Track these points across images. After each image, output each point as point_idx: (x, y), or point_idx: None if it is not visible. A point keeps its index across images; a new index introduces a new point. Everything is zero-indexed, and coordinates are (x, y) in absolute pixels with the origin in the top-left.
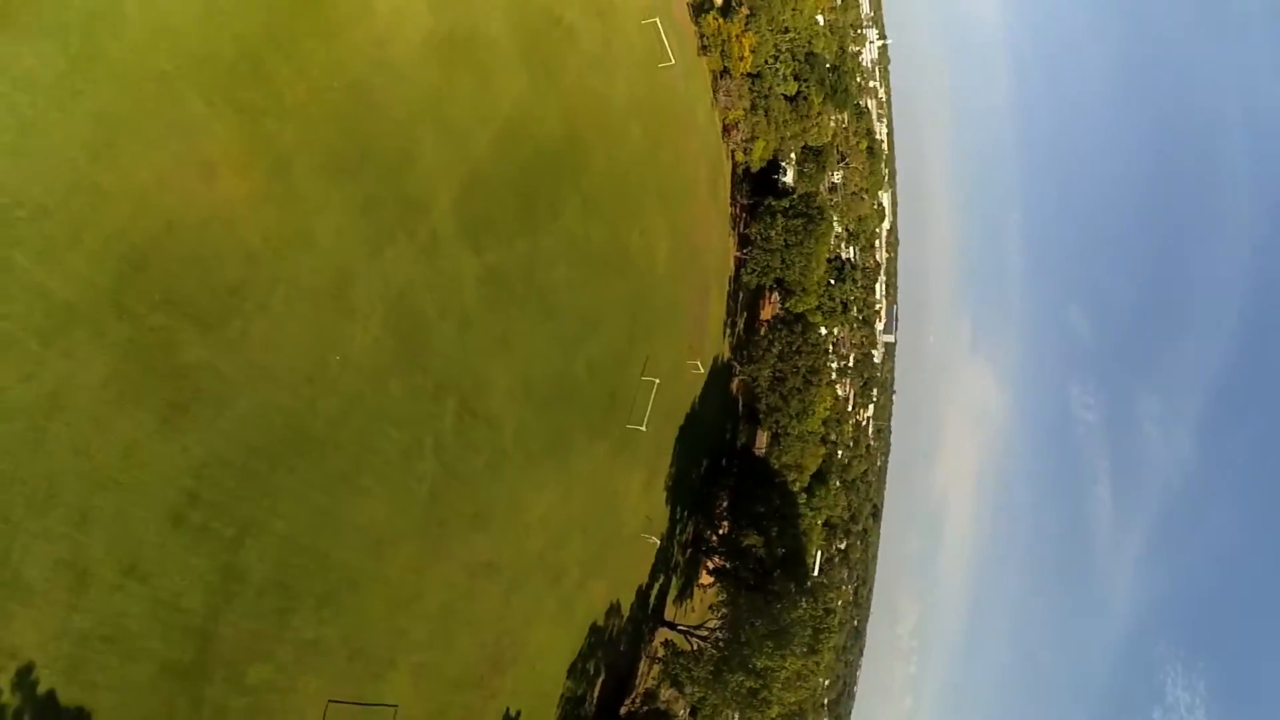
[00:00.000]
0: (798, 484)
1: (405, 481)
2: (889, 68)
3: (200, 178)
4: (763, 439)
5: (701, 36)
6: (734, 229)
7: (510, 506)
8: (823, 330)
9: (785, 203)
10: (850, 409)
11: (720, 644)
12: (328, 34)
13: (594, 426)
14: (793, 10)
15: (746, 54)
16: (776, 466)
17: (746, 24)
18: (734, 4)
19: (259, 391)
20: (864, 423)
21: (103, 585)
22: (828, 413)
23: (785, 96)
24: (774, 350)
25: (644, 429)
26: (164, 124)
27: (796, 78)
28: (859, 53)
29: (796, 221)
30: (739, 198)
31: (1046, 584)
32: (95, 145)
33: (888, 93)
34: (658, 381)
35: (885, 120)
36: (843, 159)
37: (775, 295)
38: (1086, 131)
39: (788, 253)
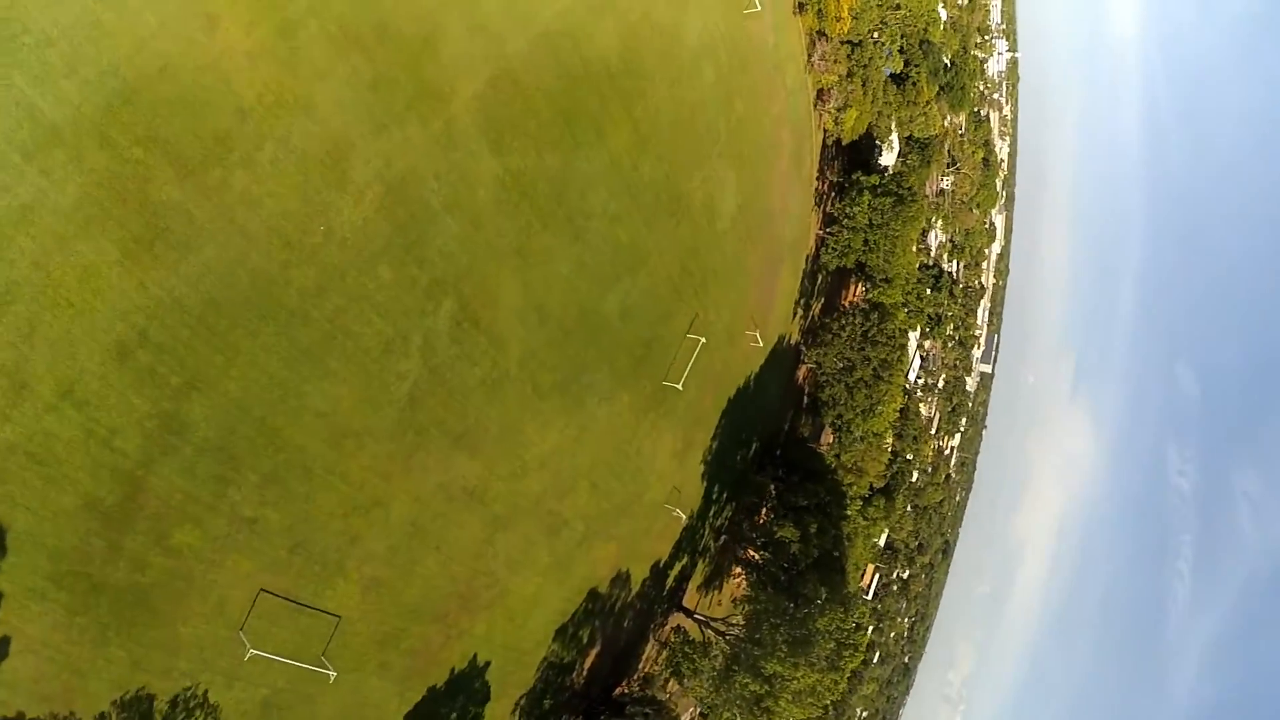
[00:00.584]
0: (854, 489)
1: (382, 375)
2: (1018, 85)
3: (202, 28)
4: (826, 438)
5: None
6: (818, 205)
7: (506, 436)
8: (906, 332)
9: (874, 179)
10: (933, 432)
11: (734, 641)
12: None
13: (620, 374)
14: None
15: (845, 14)
16: (833, 465)
17: None
18: None
19: (230, 245)
20: (947, 451)
21: (38, 402)
22: (896, 415)
23: (890, 74)
24: (844, 335)
25: (680, 388)
26: None
27: (904, 58)
28: (984, 60)
29: (884, 200)
30: (827, 174)
31: (1109, 655)
32: None
33: (1014, 110)
34: (703, 341)
35: (1009, 139)
36: (954, 163)
37: (860, 287)
38: (1221, 186)
39: (872, 233)
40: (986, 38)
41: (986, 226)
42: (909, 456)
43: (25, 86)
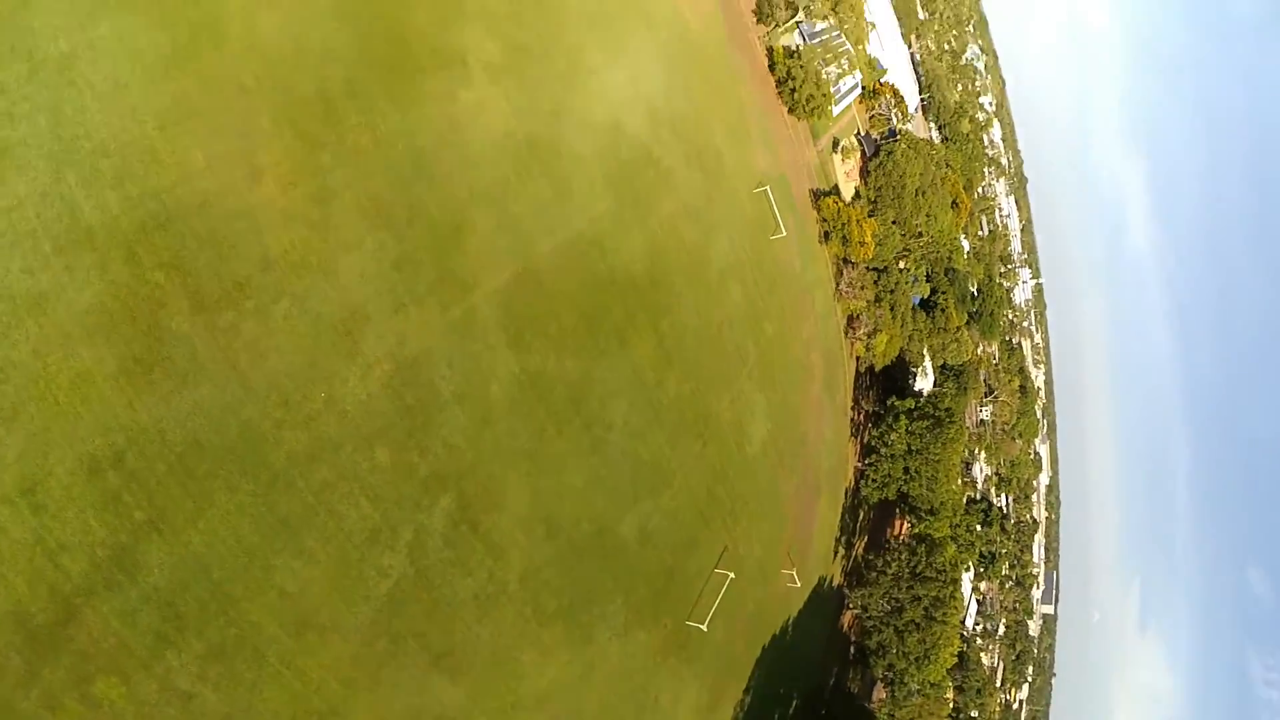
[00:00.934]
0: None
1: (362, 566)
2: (1045, 313)
3: (245, 177)
4: (879, 694)
5: (823, 220)
6: (855, 435)
7: (497, 662)
8: (958, 566)
9: (910, 403)
10: (999, 684)
11: None
12: (405, 102)
13: (637, 606)
14: (926, 216)
15: (868, 239)
16: None
17: (870, 213)
18: (859, 195)
19: (226, 390)
20: (1015, 704)
21: None
22: (954, 662)
23: (918, 301)
24: (890, 572)
25: (705, 629)
26: (231, 125)
27: (931, 284)
28: (1010, 288)
29: (922, 424)
30: (862, 403)
31: None
32: (167, 119)
33: (1045, 338)
34: (732, 576)
35: (1044, 366)
36: (991, 392)
37: (905, 522)
38: (1258, 370)
39: (911, 459)
40: (1010, 266)
41: (1031, 457)
42: (973, 714)
43: (74, 185)
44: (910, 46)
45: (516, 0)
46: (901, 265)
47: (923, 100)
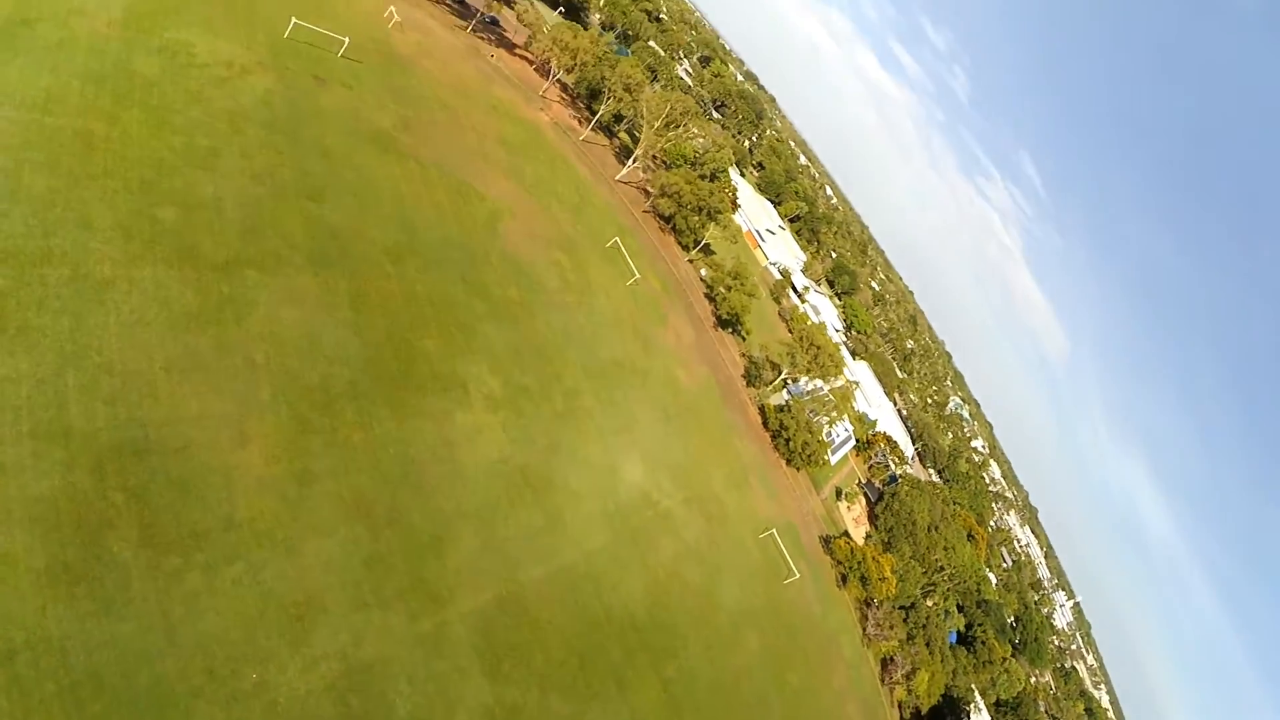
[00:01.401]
0: None
1: None
2: (1092, 631)
3: (232, 439)
4: None
5: (838, 564)
6: None
7: None
8: None
9: None
10: None
11: None
12: (403, 412)
13: None
14: (944, 549)
15: (888, 574)
16: None
17: (885, 549)
18: (870, 538)
19: (149, 635)
20: None
21: None
22: None
23: (955, 637)
24: None
25: None
26: (232, 389)
27: (965, 616)
28: (1049, 613)
29: None
30: None
31: None
32: (174, 364)
33: (1098, 656)
34: None
35: (1104, 686)
36: None
37: None
38: None
39: None
40: (1043, 592)
41: None
42: None
43: (71, 385)
44: (895, 403)
45: (519, 345)
46: (930, 601)
47: (917, 449)
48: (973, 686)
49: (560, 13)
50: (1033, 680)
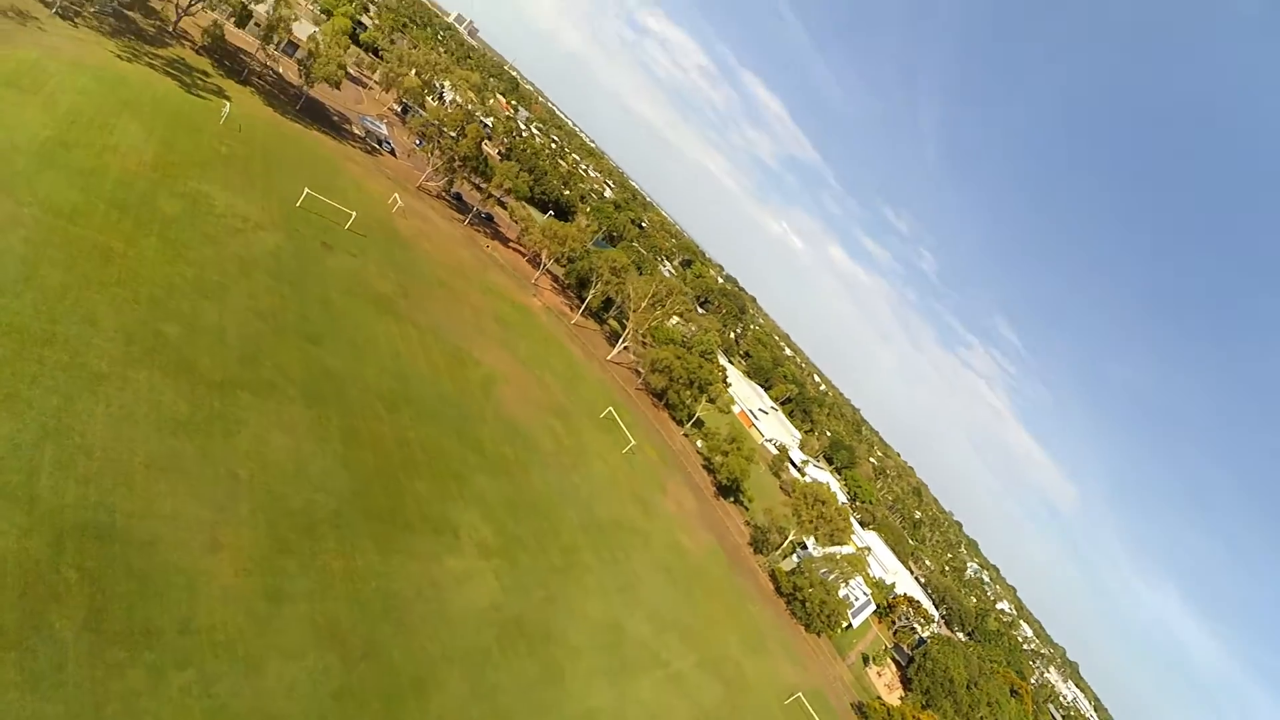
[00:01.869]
0: None
1: None
2: None
3: (204, 544)
4: None
5: None
6: None
7: None
8: None
9: None
10: None
11: None
12: (388, 548)
13: None
14: (988, 706)
15: None
16: None
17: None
18: (905, 697)
19: None
20: None
21: None
22: None
23: None
24: None
25: None
26: (211, 496)
27: None
28: None
29: None
30: None
31: None
32: (155, 462)
33: None
34: None
35: None
36: None
37: None
38: None
39: None
40: None
41: None
42: None
43: (46, 457)
44: (910, 570)
45: (514, 498)
46: None
47: (942, 614)
48: None
49: (550, 215)
50: None
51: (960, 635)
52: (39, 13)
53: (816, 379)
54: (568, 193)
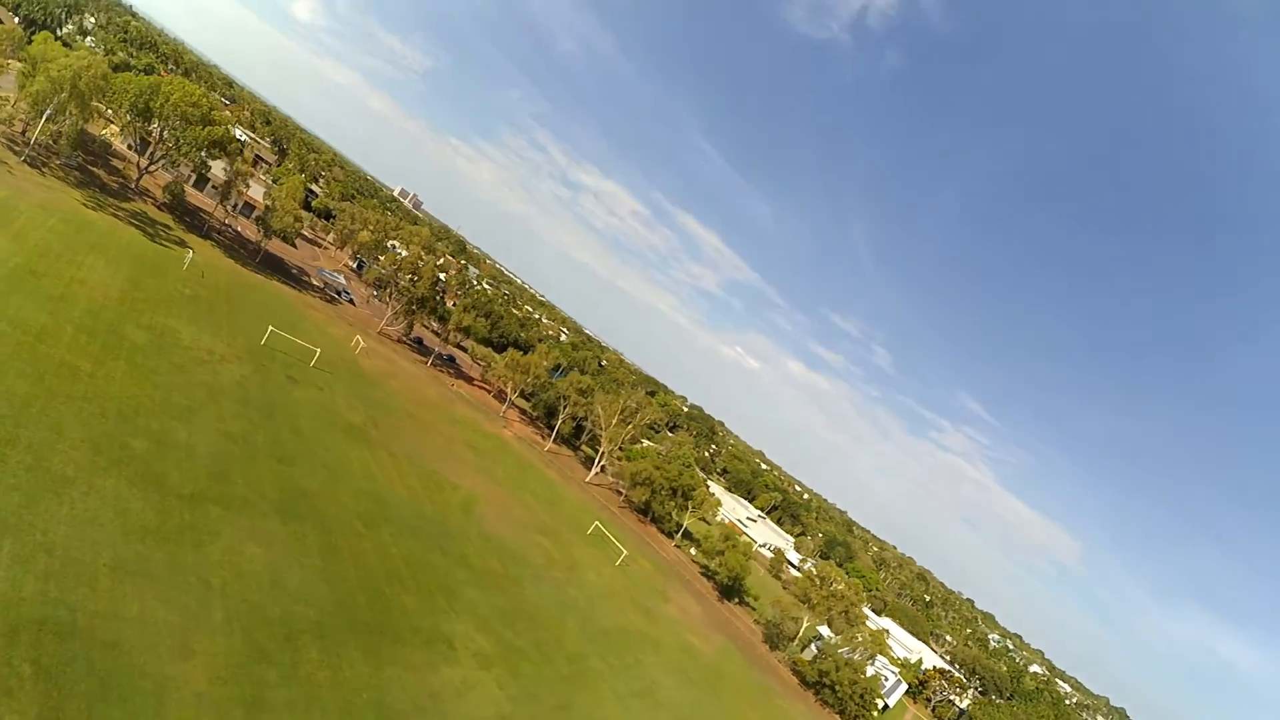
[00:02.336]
0: None
1: None
2: None
3: (174, 649)
4: None
5: None
6: None
7: None
8: None
9: None
10: None
11: None
12: (379, 659)
13: None
14: None
15: None
16: None
17: None
18: None
19: None
20: None
21: None
22: None
23: None
24: None
25: None
26: (183, 602)
27: None
28: None
29: None
30: None
31: None
32: (121, 567)
33: None
34: None
35: None
36: None
37: None
38: None
39: None
40: None
41: None
42: None
43: (4, 552)
44: (933, 649)
45: (508, 611)
46: None
47: (975, 686)
48: None
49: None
50: None
51: (997, 700)
52: (8, 158)
53: (798, 488)
54: (525, 334)
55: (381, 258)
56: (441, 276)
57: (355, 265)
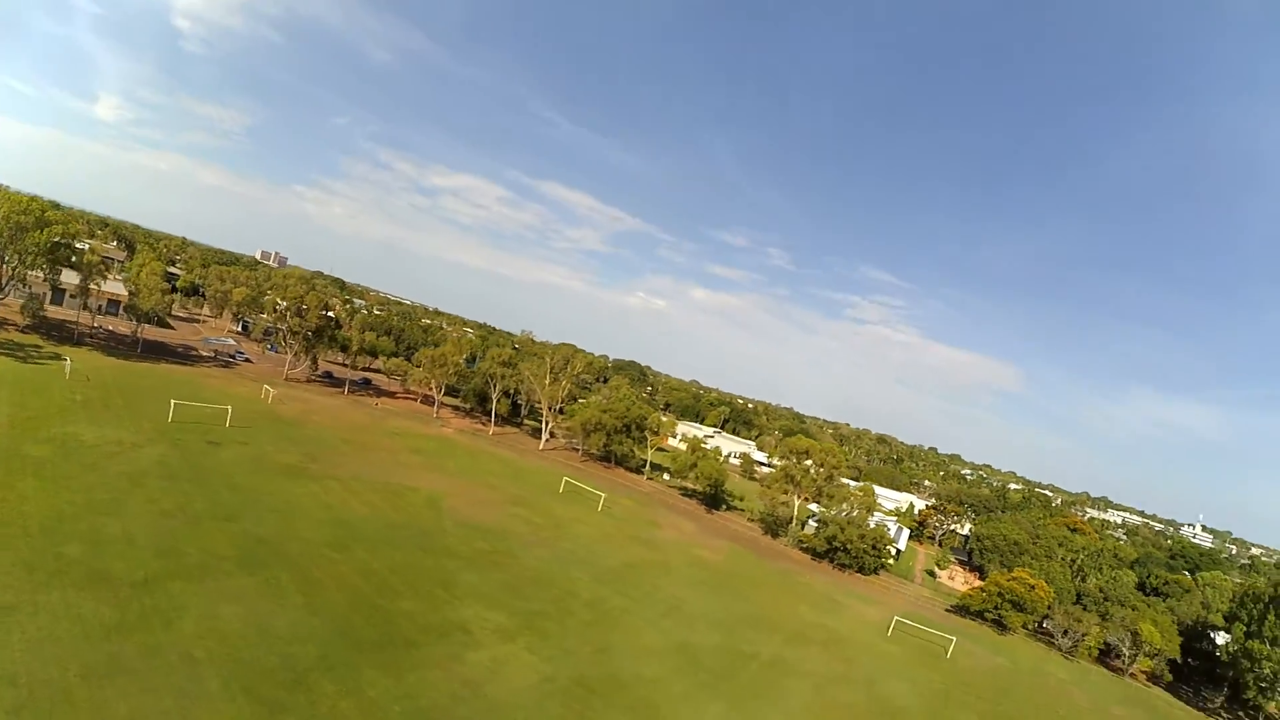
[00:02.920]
0: None
1: None
2: None
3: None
4: None
5: (983, 615)
6: None
7: None
8: None
9: None
10: None
11: None
12: (399, 669)
13: None
14: (1059, 544)
15: (1032, 582)
16: None
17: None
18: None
19: None
20: None
21: None
22: None
23: None
24: None
25: None
26: (169, 684)
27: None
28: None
29: None
30: None
31: None
32: (93, 672)
33: None
34: None
35: None
36: None
37: None
38: None
39: None
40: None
41: None
42: None
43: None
44: (917, 495)
45: (511, 582)
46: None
47: (969, 515)
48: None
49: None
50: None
51: (998, 515)
52: None
53: (740, 401)
54: (432, 339)
55: (264, 313)
56: (329, 308)
57: (240, 327)
